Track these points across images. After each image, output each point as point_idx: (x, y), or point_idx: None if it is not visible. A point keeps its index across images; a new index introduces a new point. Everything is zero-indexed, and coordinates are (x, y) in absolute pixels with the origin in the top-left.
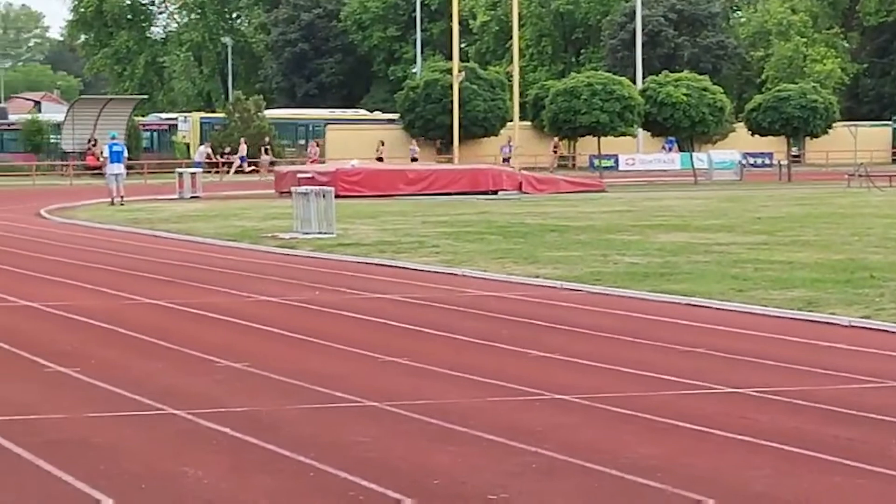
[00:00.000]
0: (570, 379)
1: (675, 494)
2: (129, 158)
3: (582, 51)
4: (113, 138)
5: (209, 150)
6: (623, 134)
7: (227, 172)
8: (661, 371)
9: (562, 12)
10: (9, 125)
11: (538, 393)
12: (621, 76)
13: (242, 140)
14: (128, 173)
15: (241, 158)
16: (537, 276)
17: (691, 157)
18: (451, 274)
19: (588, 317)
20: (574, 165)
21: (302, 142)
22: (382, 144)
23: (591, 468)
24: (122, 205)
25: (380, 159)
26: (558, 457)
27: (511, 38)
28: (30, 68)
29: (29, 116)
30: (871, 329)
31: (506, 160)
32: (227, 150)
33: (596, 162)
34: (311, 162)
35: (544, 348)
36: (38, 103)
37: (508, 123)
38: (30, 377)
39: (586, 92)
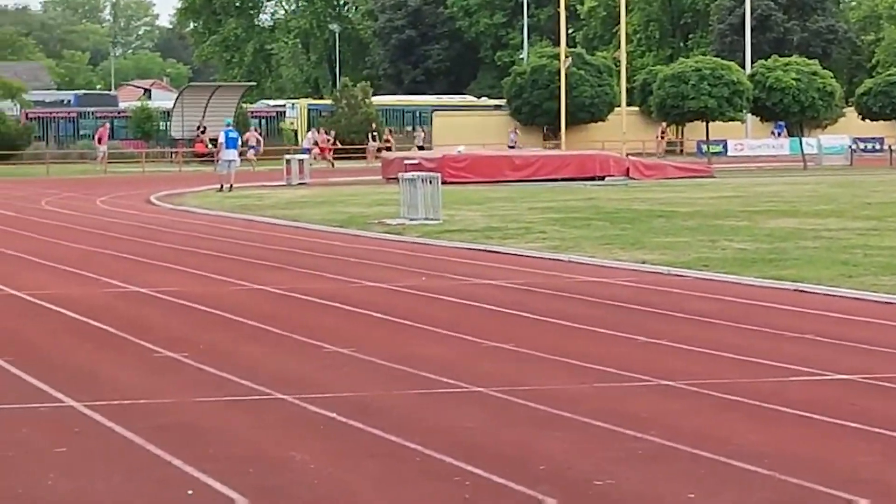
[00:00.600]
0: (677, 365)
1: (781, 481)
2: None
3: (690, 35)
4: (227, 125)
5: (317, 137)
6: (731, 119)
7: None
8: (768, 357)
9: None
10: (119, 112)
11: (644, 379)
12: (730, 61)
13: (253, 128)
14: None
15: (254, 148)
16: (644, 262)
17: (800, 142)
18: (558, 260)
19: (695, 302)
20: (682, 151)
21: (409, 128)
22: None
23: (697, 454)
24: (230, 191)
25: (420, 147)
26: (664, 443)
27: (618, 23)
28: (140, 56)
29: (139, 104)
30: None
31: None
32: (332, 136)
33: (704, 147)
34: (321, 151)
35: (651, 334)
36: (147, 91)
37: (616, 109)
38: (140, 362)
39: (694, 77)
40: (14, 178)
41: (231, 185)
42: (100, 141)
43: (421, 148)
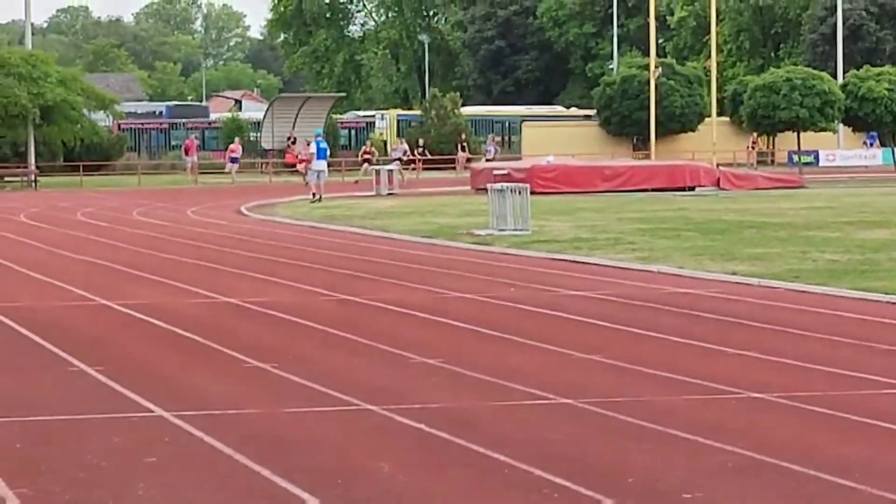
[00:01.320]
0: (767, 377)
1: (873, 495)
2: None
3: (781, 46)
4: (317, 136)
5: (406, 147)
6: (823, 129)
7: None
8: (859, 370)
9: (761, 6)
10: (210, 123)
11: (734, 391)
12: (821, 71)
13: (237, 140)
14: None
15: (234, 160)
16: (734, 273)
17: (893, 152)
18: (647, 271)
19: (785, 314)
20: (773, 161)
21: (498, 138)
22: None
23: (787, 467)
24: (317, 200)
25: (490, 160)
26: (754, 456)
27: (709, 33)
28: (230, 67)
29: (229, 114)
30: None
31: (489, 161)
32: (422, 146)
33: (795, 158)
34: (300, 162)
35: (740, 346)
36: (238, 101)
37: (706, 119)
38: (229, 372)
39: (785, 87)
40: (106, 188)
41: (320, 196)
42: (187, 152)
43: (490, 160)
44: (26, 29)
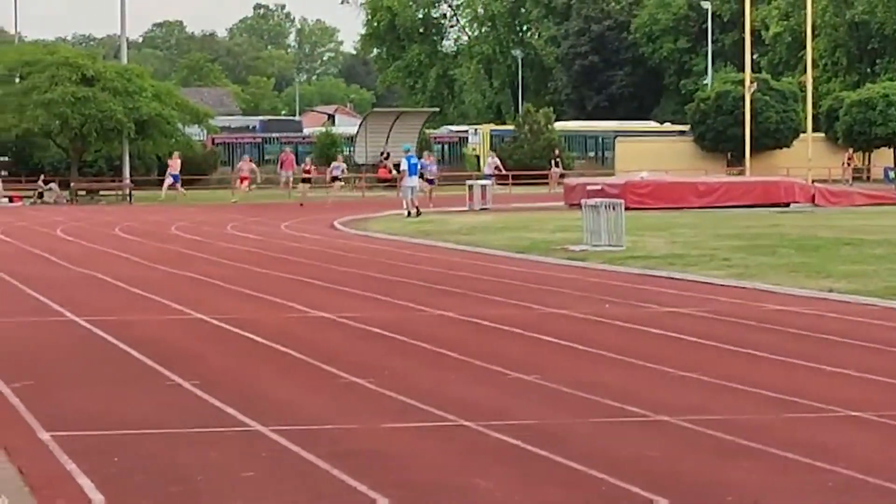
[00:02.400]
0: (865, 395)
1: None
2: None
3: (877, 61)
4: (407, 151)
5: (498, 162)
6: None
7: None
8: None
9: (857, 22)
10: (303, 138)
11: (832, 409)
12: None
13: (176, 154)
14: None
15: (174, 177)
16: (831, 291)
17: None
18: (742, 287)
19: (883, 332)
20: (868, 178)
21: (591, 153)
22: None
23: (888, 487)
24: (418, 215)
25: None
26: (855, 475)
27: (804, 48)
28: (324, 82)
29: (323, 129)
30: None
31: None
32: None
33: (892, 174)
34: (241, 180)
35: (838, 364)
36: (331, 116)
37: (801, 135)
38: (325, 387)
39: (882, 103)
40: (200, 202)
41: (418, 210)
42: (282, 166)
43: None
44: (122, 43)
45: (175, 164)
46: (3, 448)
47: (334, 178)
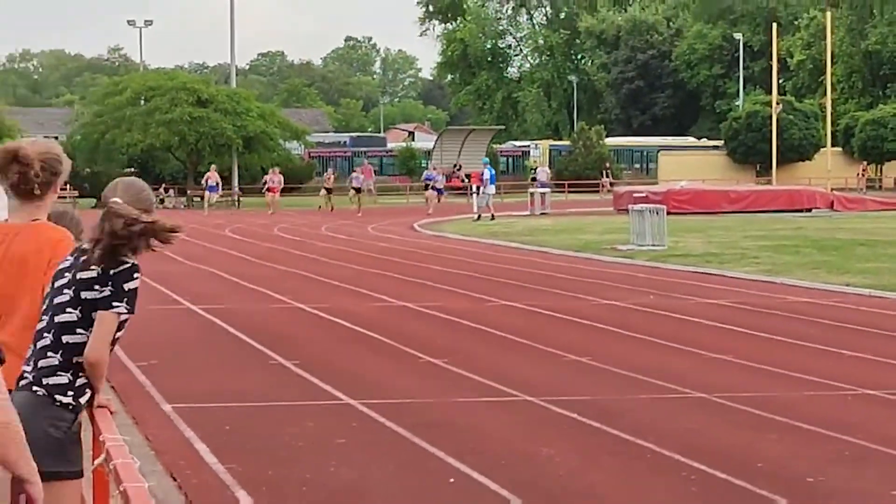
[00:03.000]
0: (880, 377)
1: None
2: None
3: (889, 85)
4: (485, 164)
5: (547, 171)
6: None
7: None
8: None
9: (871, 51)
10: (387, 152)
11: (850, 388)
12: None
13: (213, 167)
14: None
15: (211, 188)
16: (848, 285)
17: None
18: (770, 282)
19: (895, 321)
20: (881, 186)
21: (637, 165)
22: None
23: None
24: (489, 219)
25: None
26: (869, 446)
27: (824, 74)
28: (405, 103)
29: (404, 144)
30: None
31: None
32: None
33: None
34: (269, 190)
35: (855, 349)
36: (411, 133)
37: (821, 149)
38: (407, 367)
39: (893, 122)
40: (298, 207)
41: (492, 215)
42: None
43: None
44: (231, 70)
45: (213, 176)
46: (131, 417)
47: (357, 190)
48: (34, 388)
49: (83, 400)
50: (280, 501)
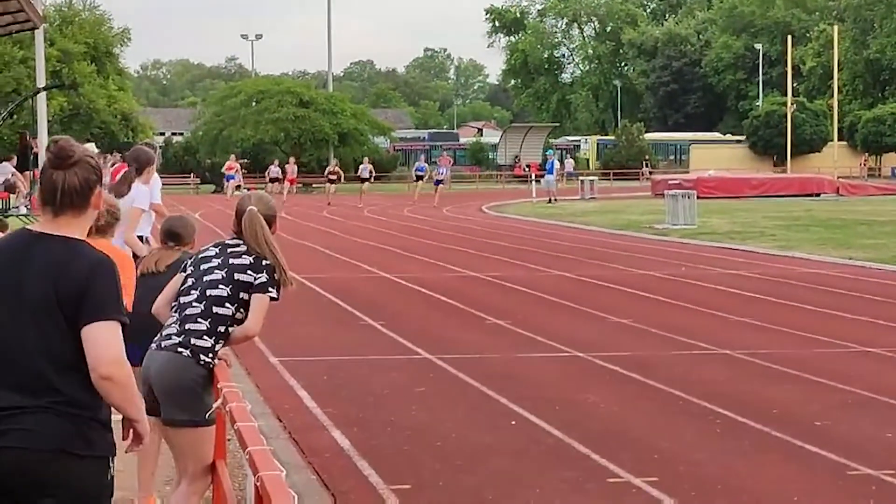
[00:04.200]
0: (877, 336)
1: None
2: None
3: (887, 88)
4: (549, 155)
5: (572, 161)
6: None
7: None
8: None
9: (872, 59)
10: (460, 145)
11: (851, 346)
12: None
13: (232, 156)
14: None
15: (229, 177)
16: (850, 258)
17: None
18: (784, 256)
19: (892, 289)
20: (879, 175)
21: (672, 157)
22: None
23: (894, 403)
24: (547, 202)
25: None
26: (868, 394)
27: (832, 78)
28: (475, 105)
29: (473, 139)
30: None
31: (438, 182)
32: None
33: None
34: (288, 181)
35: (856, 312)
36: (480, 130)
37: (829, 143)
38: (475, 327)
39: (890, 119)
40: (384, 192)
41: (552, 199)
42: (440, 164)
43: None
44: (328, 77)
45: (233, 166)
46: (245, 369)
47: (363, 180)
48: (179, 349)
49: (216, 361)
50: (369, 438)
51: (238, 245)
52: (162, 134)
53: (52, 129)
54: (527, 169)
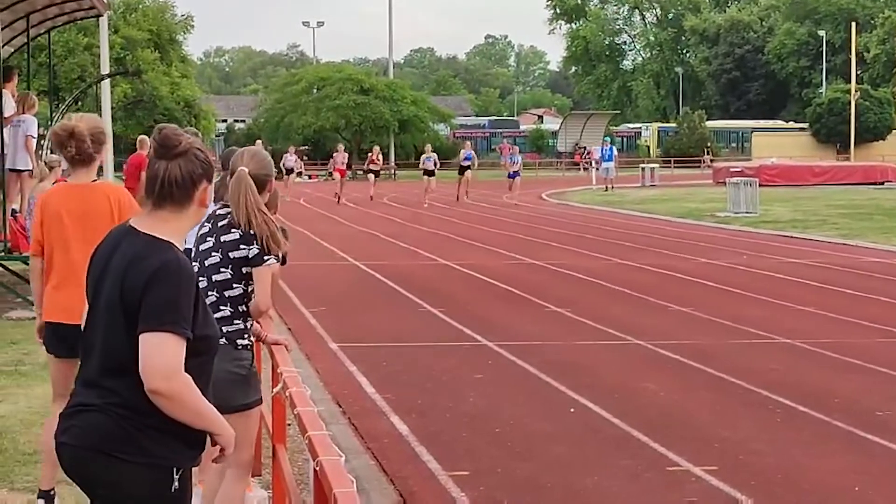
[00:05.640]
0: None
1: None
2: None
3: None
4: (607, 142)
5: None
6: None
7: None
8: None
9: None
10: (520, 132)
11: None
12: None
13: (292, 147)
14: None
15: (289, 170)
16: None
17: None
18: (848, 244)
19: None
20: None
21: (734, 145)
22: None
23: None
24: (612, 189)
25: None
26: None
27: None
28: (535, 92)
29: (534, 126)
30: None
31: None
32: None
33: None
34: (336, 171)
35: None
36: (540, 117)
37: (894, 131)
38: (534, 314)
39: None
40: (444, 179)
41: (612, 186)
42: (502, 153)
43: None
44: (389, 64)
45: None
46: (304, 354)
47: (427, 172)
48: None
49: (253, 339)
50: (427, 424)
51: (226, 216)
52: (224, 121)
53: (116, 116)
54: (586, 156)
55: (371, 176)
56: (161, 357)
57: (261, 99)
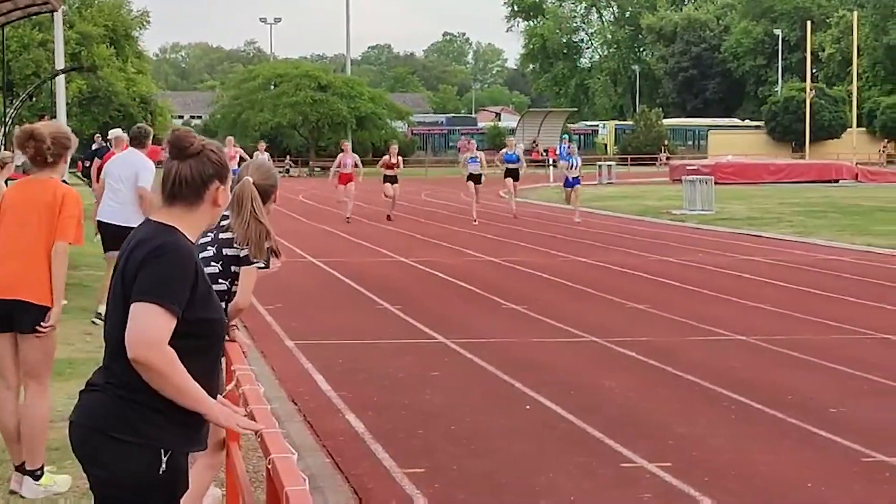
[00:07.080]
0: (894, 323)
1: None
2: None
3: None
4: (565, 140)
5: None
6: None
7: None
8: None
9: (892, 45)
10: (477, 130)
11: (869, 333)
12: None
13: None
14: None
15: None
16: (869, 245)
17: None
18: (803, 242)
19: None
20: None
21: (690, 142)
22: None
23: None
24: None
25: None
26: (885, 382)
27: (851, 65)
28: (493, 89)
29: (492, 124)
30: None
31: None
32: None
33: None
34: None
35: (875, 299)
36: (498, 114)
37: (848, 129)
38: (492, 312)
39: None
40: (407, 177)
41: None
42: (461, 151)
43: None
44: (346, 61)
45: (233, 155)
46: (260, 352)
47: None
48: None
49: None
50: (383, 422)
51: (227, 217)
52: (181, 117)
53: (71, 112)
54: (544, 154)
55: (389, 186)
56: (144, 326)
57: (217, 95)
